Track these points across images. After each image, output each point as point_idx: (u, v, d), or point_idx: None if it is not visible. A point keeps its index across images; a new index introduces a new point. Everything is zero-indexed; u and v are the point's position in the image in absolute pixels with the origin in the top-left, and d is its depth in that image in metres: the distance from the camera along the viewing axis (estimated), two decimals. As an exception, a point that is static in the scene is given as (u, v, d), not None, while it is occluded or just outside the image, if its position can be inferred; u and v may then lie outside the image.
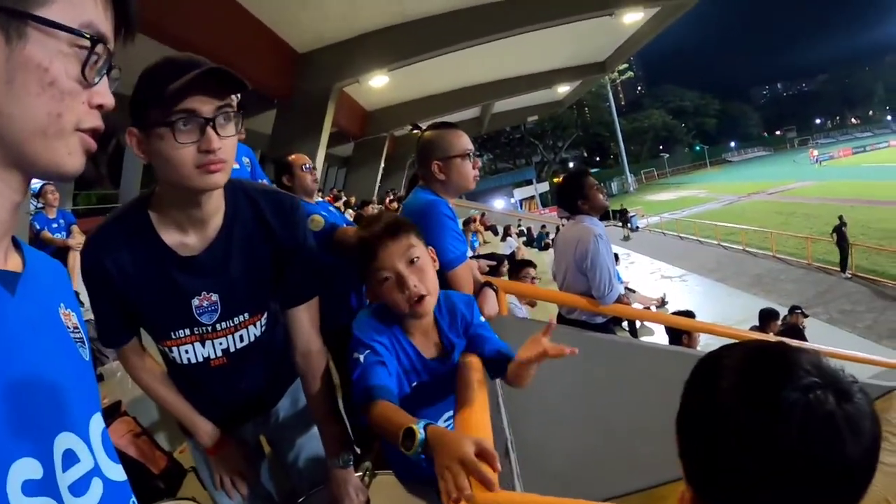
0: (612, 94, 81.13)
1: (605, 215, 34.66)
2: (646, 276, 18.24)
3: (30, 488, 0.66)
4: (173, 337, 1.69)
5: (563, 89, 28.07)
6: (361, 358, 1.67)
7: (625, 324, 9.02)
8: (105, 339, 1.75)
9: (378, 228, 1.76)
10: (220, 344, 1.74)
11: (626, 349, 3.67)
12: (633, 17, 15.19)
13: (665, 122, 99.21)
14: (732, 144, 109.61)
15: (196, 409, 1.85)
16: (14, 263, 0.80)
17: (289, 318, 1.83)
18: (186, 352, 1.72)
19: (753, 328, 7.13)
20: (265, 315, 1.81)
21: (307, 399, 1.92)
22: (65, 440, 0.75)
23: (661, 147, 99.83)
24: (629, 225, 33.93)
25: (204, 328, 1.69)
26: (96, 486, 0.79)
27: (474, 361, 1.83)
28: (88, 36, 0.74)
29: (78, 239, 6.70)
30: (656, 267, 19.98)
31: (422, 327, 1.85)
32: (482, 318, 1.99)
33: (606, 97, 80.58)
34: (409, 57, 15.00)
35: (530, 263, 5.57)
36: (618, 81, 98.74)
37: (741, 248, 23.55)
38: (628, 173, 77.73)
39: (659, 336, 8.67)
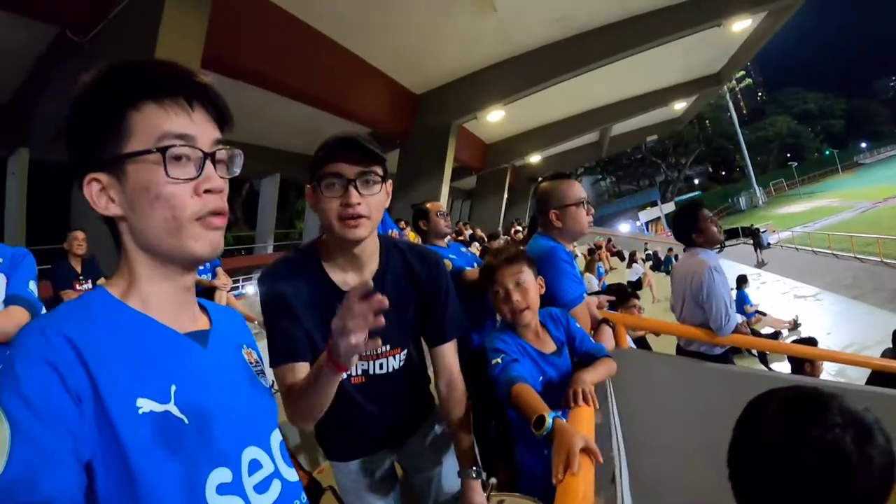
0: (732, 104, 77.51)
1: (733, 233, 32.29)
2: (778, 297, 17.20)
3: (222, 489, 0.97)
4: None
5: (680, 105, 27.31)
6: (500, 359, 2.20)
7: (755, 350, 8.68)
8: (275, 358, 1.92)
9: (500, 258, 2.45)
10: (362, 365, 2.02)
11: (744, 379, 3.63)
12: (741, 25, 14.79)
13: (790, 128, 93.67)
14: (863, 145, 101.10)
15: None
16: (202, 323, 1.11)
17: (434, 353, 2.13)
18: None
19: (886, 351, 6.70)
20: (404, 351, 2.07)
21: (447, 420, 2.17)
22: (251, 452, 1.06)
23: (788, 155, 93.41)
24: (761, 244, 29.65)
25: None
26: (275, 486, 1.09)
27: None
28: (156, 149, 0.94)
29: (223, 280, 7.13)
30: (789, 286, 18.57)
31: (532, 331, 2.43)
32: (577, 325, 2.57)
33: (727, 108, 77.32)
34: (522, 90, 15.37)
35: (635, 295, 5.58)
36: (737, 90, 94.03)
37: (879, 259, 21.96)
38: (756, 186, 73.56)
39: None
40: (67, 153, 0.99)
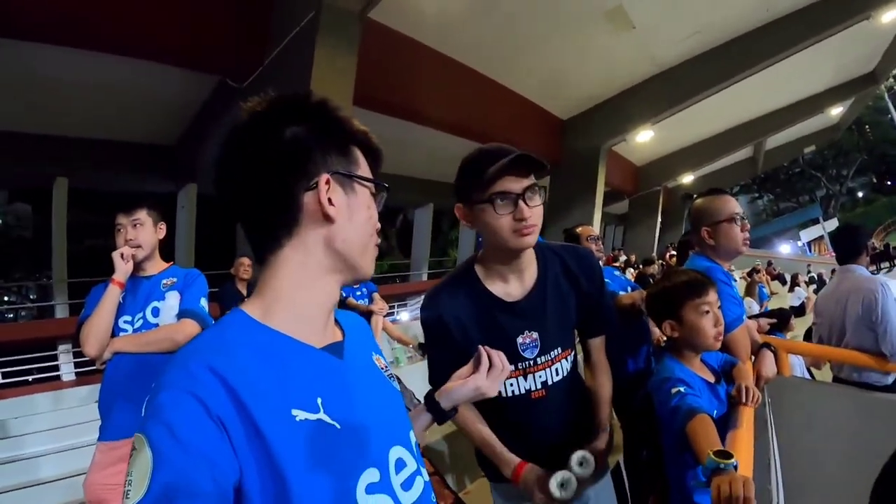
0: (892, 105, 71.29)
1: (886, 255, 29.67)
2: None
3: (371, 489, 1.01)
4: None
5: (836, 111, 25.01)
6: (682, 389, 2.08)
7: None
8: (437, 384, 1.96)
9: (704, 276, 2.35)
10: (540, 377, 2.02)
11: (923, 413, 3.36)
12: (891, 15, 13.32)
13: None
14: None
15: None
16: (337, 334, 1.18)
17: (587, 345, 2.22)
18: (511, 385, 2.02)
19: None
20: (572, 353, 2.12)
21: (593, 387, 2.21)
22: (396, 451, 1.11)
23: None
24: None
25: (527, 363, 2.00)
26: (419, 483, 1.14)
27: (747, 411, 2.20)
28: (384, 185, 1.15)
29: (379, 304, 7.38)
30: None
31: (697, 361, 2.35)
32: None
33: (886, 109, 71.14)
34: (669, 108, 15.05)
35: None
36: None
37: None
38: (926, 195, 66.84)
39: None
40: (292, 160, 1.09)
